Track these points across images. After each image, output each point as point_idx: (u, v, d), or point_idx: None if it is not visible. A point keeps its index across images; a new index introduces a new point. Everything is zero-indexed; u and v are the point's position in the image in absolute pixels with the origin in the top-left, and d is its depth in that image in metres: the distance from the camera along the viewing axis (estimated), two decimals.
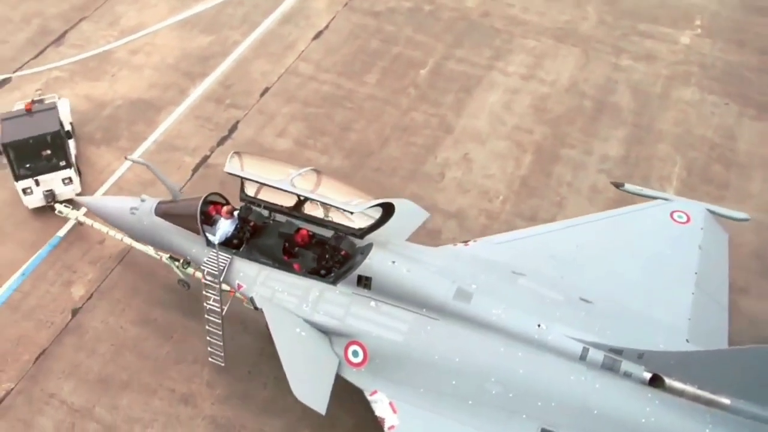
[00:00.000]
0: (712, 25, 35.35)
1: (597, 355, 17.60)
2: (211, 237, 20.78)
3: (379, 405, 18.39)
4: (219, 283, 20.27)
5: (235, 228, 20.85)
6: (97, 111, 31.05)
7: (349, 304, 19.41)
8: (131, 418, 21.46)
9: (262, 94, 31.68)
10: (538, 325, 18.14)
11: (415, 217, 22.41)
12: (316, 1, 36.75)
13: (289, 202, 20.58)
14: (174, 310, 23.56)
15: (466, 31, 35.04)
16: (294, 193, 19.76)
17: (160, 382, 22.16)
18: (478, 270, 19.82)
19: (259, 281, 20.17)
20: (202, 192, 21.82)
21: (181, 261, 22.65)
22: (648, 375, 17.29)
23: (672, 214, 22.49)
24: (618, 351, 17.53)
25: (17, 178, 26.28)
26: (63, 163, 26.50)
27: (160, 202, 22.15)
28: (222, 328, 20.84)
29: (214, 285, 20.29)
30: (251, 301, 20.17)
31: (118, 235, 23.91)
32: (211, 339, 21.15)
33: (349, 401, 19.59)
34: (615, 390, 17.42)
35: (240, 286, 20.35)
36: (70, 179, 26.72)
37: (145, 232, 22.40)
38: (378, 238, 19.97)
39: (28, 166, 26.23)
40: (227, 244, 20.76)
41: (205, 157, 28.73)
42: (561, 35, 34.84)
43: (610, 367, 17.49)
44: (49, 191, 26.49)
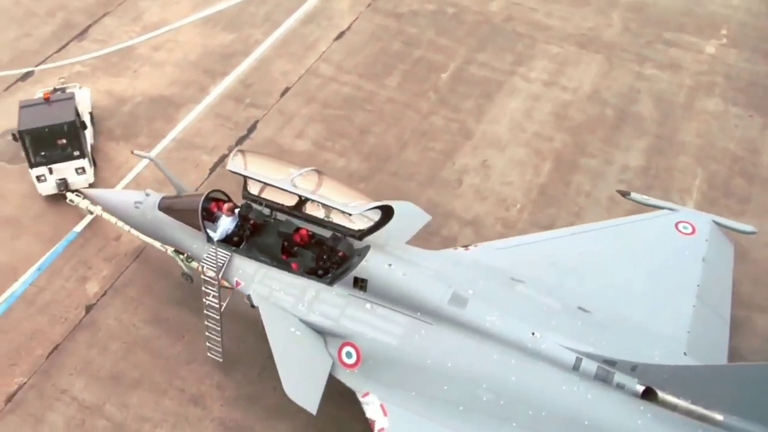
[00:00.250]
0: (738, 35, 34.85)
1: (590, 365, 17.56)
2: (211, 233, 21.06)
3: (371, 407, 18.46)
4: (218, 280, 20.44)
5: (235, 225, 21.06)
6: (117, 107, 31.18)
7: (344, 305, 19.51)
8: (141, 417, 21.51)
9: (282, 94, 31.65)
10: (533, 334, 18.10)
11: (416, 220, 22.45)
12: (339, 2, 36.68)
13: (291, 201, 20.69)
14: (187, 310, 23.57)
15: (488, 35, 34.81)
16: (294, 193, 19.86)
17: (170, 382, 22.20)
18: (476, 275, 19.80)
19: (257, 279, 20.35)
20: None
21: (185, 255, 22.73)
22: (641, 388, 17.21)
23: (677, 224, 22.31)
24: (611, 362, 17.46)
25: (32, 165, 26.67)
26: (77, 153, 26.85)
27: (163, 197, 22.42)
28: (221, 324, 20.94)
29: (213, 281, 20.50)
30: (248, 298, 20.32)
31: (126, 227, 23.90)
32: (209, 334, 21.30)
33: (357, 406, 19.42)
34: (607, 401, 17.34)
35: (238, 283, 20.53)
36: (83, 169, 27.05)
37: (149, 226, 22.62)
38: (377, 241, 20.02)
39: (43, 154, 26.59)
40: (228, 242, 21.00)
41: (223, 156, 28.67)
42: (584, 42, 34.53)
43: (603, 378, 17.43)
44: (62, 180, 26.87)
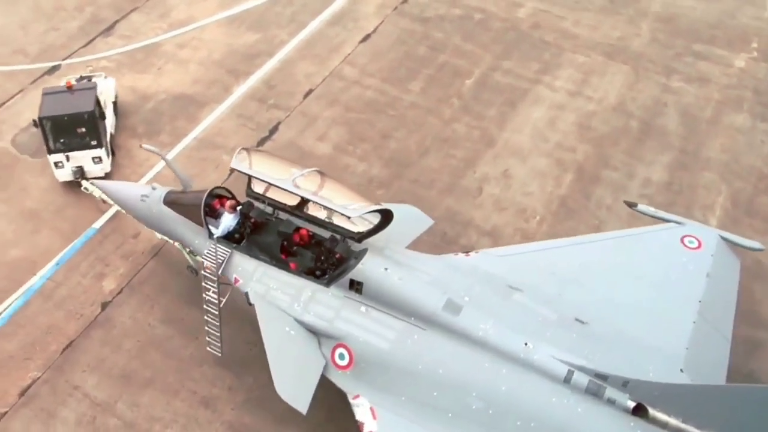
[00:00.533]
0: None
1: (582, 378, 17.47)
2: (213, 230, 21.22)
3: (360, 409, 18.48)
4: (217, 276, 20.58)
5: (237, 223, 21.18)
6: (140, 103, 31.31)
7: (339, 307, 19.59)
8: (152, 417, 21.56)
9: (306, 96, 31.61)
10: (525, 344, 18.04)
11: (418, 224, 22.47)
12: (365, 4, 36.57)
13: (293, 201, 20.78)
14: (201, 311, 23.26)
15: (515, 42, 34.56)
16: (294, 193, 19.92)
17: (182, 383, 22.23)
18: (474, 282, 19.75)
19: (255, 277, 20.48)
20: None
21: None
22: (632, 403, 17.11)
23: (683, 238, 22.03)
24: (603, 377, 17.35)
25: (50, 152, 27.15)
26: (94, 142, 27.21)
27: (169, 192, 22.64)
28: (220, 319, 21.03)
29: (212, 277, 20.64)
30: (246, 296, 20.42)
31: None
32: (208, 329, 21.39)
33: None
34: (597, 416, 17.26)
35: (237, 280, 20.67)
36: (100, 158, 27.46)
37: (154, 220, 22.85)
38: (377, 243, 20.02)
39: (62, 141, 27.05)
40: (230, 239, 21.13)
41: None
42: (611, 52, 34.17)
43: (594, 392, 17.34)
44: (78, 168, 27.26)
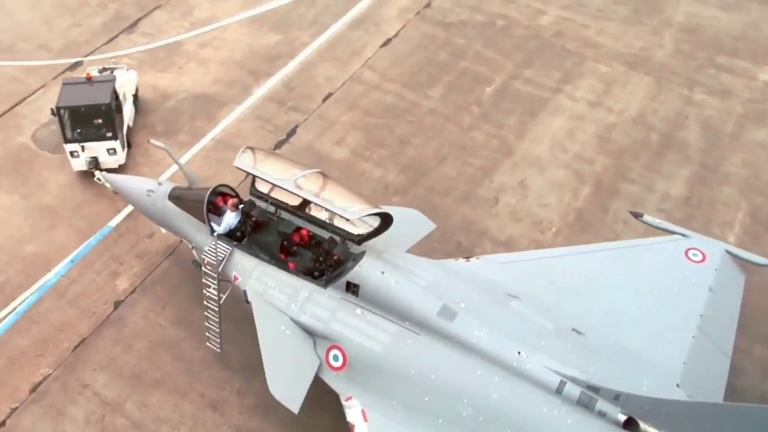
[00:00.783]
0: None
1: (573, 390, 17.42)
2: (215, 227, 21.40)
3: (352, 411, 18.56)
4: (217, 273, 20.74)
5: (239, 221, 21.34)
6: (160, 102, 31.44)
7: (335, 308, 19.70)
8: (159, 418, 21.62)
9: (325, 100, 31.59)
10: (519, 353, 18.02)
11: (420, 228, 22.44)
12: (388, 8, 36.50)
13: (296, 201, 20.95)
14: None
15: (537, 50, 34.36)
16: (294, 193, 20.05)
17: (191, 385, 22.28)
18: (471, 288, 19.75)
19: (254, 275, 20.64)
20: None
21: None
22: (623, 417, 17.01)
23: (687, 251, 21.82)
24: (595, 389, 17.28)
25: (66, 141, 27.50)
26: (110, 134, 27.52)
27: (174, 188, 22.86)
28: (219, 315, 21.14)
29: (212, 274, 20.81)
30: (244, 294, 20.55)
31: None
32: (208, 324, 21.53)
33: None
34: (587, 428, 17.22)
35: (236, 278, 20.83)
36: (114, 150, 27.76)
37: (158, 215, 23.13)
38: (376, 246, 20.10)
39: (78, 131, 27.42)
40: (232, 236, 21.29)
41: None
42: (634, 62, 33.89)
43: (585, 404, 17.29)
44: (93, 158, 27.66)
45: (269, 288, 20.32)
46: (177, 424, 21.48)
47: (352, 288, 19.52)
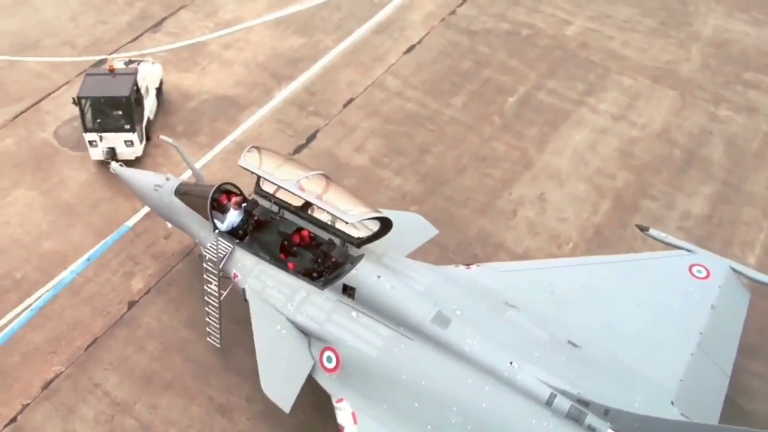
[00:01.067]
0: None
1: (564, 403, 17.31)
2: (218, 224, 21.59)
3: (342, 413, 18.72)
4: (218, 269, 20.93)
5: (241, 219, 21.56)
6: (182, 102, 31.51)
7: (331, 310, 19.79)
8: (168, 421, 21.64)
9: (346, 105, 31.51)
10: (510, 363, 17.95)
11: (422, 233, 22.43)
12: (413, 14, 36.34)
13: (299, 202, 21.12)
14: (225, 318, 23.38)
15: (561, 61, 34.08)
16: (296, 194, 20.17)
17: (200, 389, 22.29)
18: (468, 296, 19.74)
19: (253, 274, 20.81)
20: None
21: None
22: None
23: (691, 267, 21.60)
24: (585, 402, 17.12)
25: (85, 130, 27.95)
26: (128, 126, 27.84)
27: (181, 184, 23.16)
28: (219, 311, 21.36)
29: (213, 270, 21.02)
30: (243, 292, 20.65)
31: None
32: (209, 320, 21.87)
33: None
34: None
35: (236, 275, 21.00)
36: (132, 142, 28.10)
37: (164, 209, 23.47)
38: (376, 250, 20.18)
39: (98, 121, 27.79)
40: (235, 234, 21.49)
41: None
42: (659, 75, 33.50)
43: (575, 417, 17.18)
44: (110, 149, 28.02)
45: (267, 287, 20.50)
46: (185, 427, 21.49)
47: (348, 291, 19.62)
